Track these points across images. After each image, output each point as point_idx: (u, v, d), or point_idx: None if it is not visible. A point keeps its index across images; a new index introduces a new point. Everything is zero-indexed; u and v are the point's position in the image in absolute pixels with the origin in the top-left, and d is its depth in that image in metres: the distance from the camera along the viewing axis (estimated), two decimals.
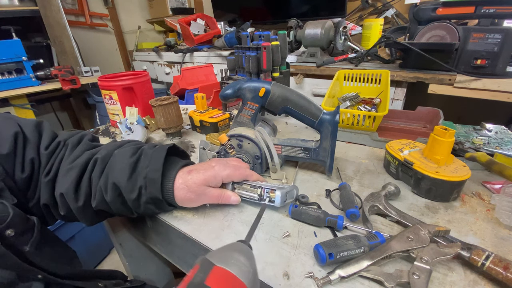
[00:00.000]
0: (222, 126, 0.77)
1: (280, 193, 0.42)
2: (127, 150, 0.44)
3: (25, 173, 0.40)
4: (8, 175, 0.39)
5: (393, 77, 1.11)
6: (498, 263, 0.31)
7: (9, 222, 0.34)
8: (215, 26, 2.07)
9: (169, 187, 0.42)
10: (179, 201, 0.42)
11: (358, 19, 1.76)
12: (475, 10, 0.97)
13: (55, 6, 1.71)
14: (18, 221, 0.36)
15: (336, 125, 0.49)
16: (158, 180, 0.40)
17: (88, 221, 0.45)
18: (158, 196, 0.41)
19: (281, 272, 0.35)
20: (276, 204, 0.43)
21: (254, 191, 0.44)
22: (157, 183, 0.40)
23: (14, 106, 1.55)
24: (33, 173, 0.41)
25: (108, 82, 0.83)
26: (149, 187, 0.40)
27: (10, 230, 0.34)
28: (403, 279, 0.31)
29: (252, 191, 0.44)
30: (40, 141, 0.44)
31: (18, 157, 0.40)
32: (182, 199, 0.42)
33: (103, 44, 2.54)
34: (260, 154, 0.52)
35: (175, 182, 0.42)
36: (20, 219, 0.37)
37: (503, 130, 0.73)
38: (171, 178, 0.42)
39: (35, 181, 0.42)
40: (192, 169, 0.43)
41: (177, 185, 0.42)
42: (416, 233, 0.35)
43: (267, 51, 0.74)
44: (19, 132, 0.41)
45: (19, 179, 0.40)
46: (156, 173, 0.40)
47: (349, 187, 0.47)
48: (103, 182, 0.41)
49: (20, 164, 0.40)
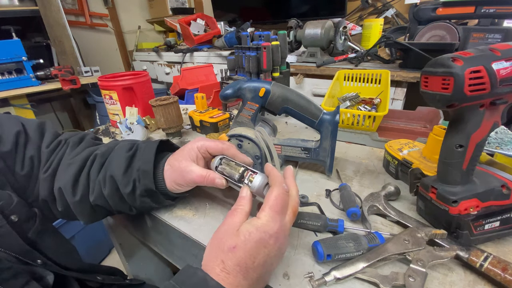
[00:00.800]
0: (222, 126, 0.77)
1: (260, 177, 0.37)
2: (125, 145, 0.45)
3: (24, 170, 0.41)
4: (10, 171, 0.41)
5: (393, 77, 1.11)
6: (497, 264, 0.31)
7: (13, 209, 0.37)
8: (215, 26, 2.07)
9: (160, 176, 0.42)
10: (169, 187, 0.42)
11: (358, 19, 1.76)
12: (475, 10, 0.97)
13: (55, 6, 1.71)
14: (21, 208, 0.38)
15: (336, 125, 0.49)
16: (150, 171, 0.41)
17: (85, 217, 0.45)
18: (151, 187, 0.41)
19: (281, 272, 0.35)
20: (252, 188, 0.37)
21: (237, 169, 0.39)
22: (149, 174, 0.41)
23: (14, 106, 1.56)
24: (33, 170, 0.43)
25: (108, 82, 0.83)
26: (142, 179, 0.41)
27: (14, 216, 0.37)
28: (399, 282, 0.31)
29: (234, 169, 0.40)
30: (42, 139, 0.45)
31: (19, 154, 0.41)
32: (171, 182, 0.41)
33: (103, 44, 2.54)
34: (260, 154, 0.52)
35: (164, 168, 0.42)
36: (23, 207, 0.39)
37: (503, 130, 0.73)
38: (161, 167, 0.43)
39: (34, 179, 0.43)
40: (176, 152, 0.44)
41: (165, 169, 0.42)
42: (413, 236, 0.35)
43: (267, 51, 0.74)
44: (21, 131, 0.42)
45: (18, 176, 0.41)
46: (148, 165, 0.41)
47: (349, 188, 0.47)
48: (102, 176, 0.42)
49: (20, 162, 0.41)
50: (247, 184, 0.37)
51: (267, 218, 0.30)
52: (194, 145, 0.42)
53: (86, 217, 0.45)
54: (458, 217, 0.35)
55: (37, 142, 0.44)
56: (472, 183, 0.36)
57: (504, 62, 0.30)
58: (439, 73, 0.31)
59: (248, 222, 0.30)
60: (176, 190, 0.43)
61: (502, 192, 0.35)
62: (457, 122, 0.34)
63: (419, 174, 0.43)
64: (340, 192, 0.48)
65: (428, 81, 0.33)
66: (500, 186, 0.36)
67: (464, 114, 0.33)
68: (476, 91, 0.30)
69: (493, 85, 0.30)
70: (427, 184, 0.39)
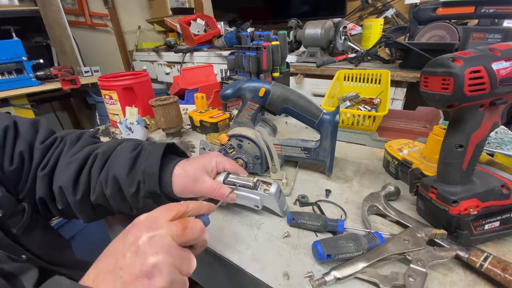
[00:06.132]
0: (222, 126, 0.77)
1: (276, 186, 0.42)
2: (128, 145, 0.45)
3: (13, 166, 0.41)
4: None
5: (393, 77, 1.11)
6: (497, 264, 0.31)
7: None
8: (215, 26, 2.07)
9: (167, 179, 0.42)
10: (177, 191, 0.42)
11: (358, 19, 1.76)
12: (475, 10, 0.97)
13: (55, 6, 1.71)
14: (7, 202, 0.37)
15: (336, 125, 0.49)
16: (156, 173, 0.41)
17: (85, 216, 0.45)
18: (156, 190, 0.41)
19: (281, 272, 0.35)
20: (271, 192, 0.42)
21: (249, 180, 0.43)
22: (155, 177, 0.41)
23: (14, 106, 1.56)
24: (23, 166, 0.42)
25: (108, 82, 0.83)
26: (147, 181, 0.41)
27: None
28: (399, 282, 0.31)
29: (247, 180, 0.43)
30: (36, 136, 0.44)
31: (7, 149, 0.41)
32: (180, 187, 0.42)
33: (103, 44, 2.54)
34: (260, 154, 0.52)
35: (174, 172, 0.42)
36: (9, 202, 0.38)
37: (503, 130, 0.73)
38: (169, 170, 0.43)
39: (25, 174, 0.42)
40: (190, 159, 0.46)
41: (175, 173, 0.42)
42: (413, 236, 0.35)
43: (267, 51, 0.74)
44: (9, 126, 0.42)
45: (7, 171, 0.41)
46: (154, 167, 0.41)
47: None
48: (104, 176, 0.42)
49: (9, 157, 0.41)
50: (265, 194, 0.42)
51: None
52: (213, 159, 0.45)
53: (86, 216, 0.45)
54: (458, 217, 0.35)
55: (29, 138, 0.43)
56: (472, 183, 0.36)
57: (504, 62, 0.30)
58: (439, 73, 0.31)
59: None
60: (182, 195, 0.43)
61: (502, 192, 0.35)
62: (457, 122, 0.34)
63: (419, 174, 0.43)
64: None
65: (428, 81, 0.33)
66: (500, 186, 0.36)
67: (464, 114, 0.33)
68: (476, 91, 0.30)
69: (493, 85, 0.30)
70: (427, 184, 0.39)
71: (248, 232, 0.42)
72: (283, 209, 0.44)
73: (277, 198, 0.42)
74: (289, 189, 0.51)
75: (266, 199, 0.43)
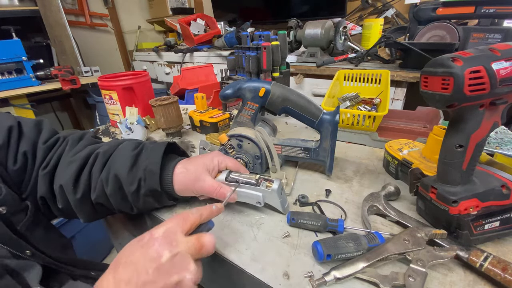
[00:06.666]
0: (222, 126, 0.77)
1: (278, 182, 0.43)
2: (130, 144, 0.45)
3: (17, 165, 0.41)
4: (1, 164, 0.40)
5: (393, 77, 1.11)
6: (497, 264, 0.31)
7: (1, 200, 0.37)
8: (215, 26, 2.07)
9: (168, 177, 0.43)
10: (178, 189, 0.43)
11: (358, 19, 1.76)
12: (475, 10, 0.97)
13: (55, 6, 1.71)
14: (10, 200, 0.38)
15: (336, 125, 0.49)
16: (157, 171, 0.41)
17: (86, 216, 0.45)
18: (156, 188, 0.41)
19: (281, 272, 0.35)
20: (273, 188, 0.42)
21: (252, 177, 0.44)
22: (156, 175, 0.41)
23: (14, 106, 1.56)
24: (26, 165, 0.43)
25: (108, 82, 0.83)
26: (148, 179, 0.41)
27: (2, 207, 0.36)
28: (399, 282, 0.31)
29: (249, 177, 0.44)
30: (39, 136, 0.45)
31: (11, 149, 0.41)
32: (181, 185, 0.42)
33: (103, 44, 2.53)
34: (260, 154, 0.52)
35: (175, 170, 0.43)
36: (13, 199, 0.38)
37: (503, 130, 0.73)
38: (170, 168, 0.43)
39: (28, 174, 0.43)
40: (191, 158, 0.46)
41: (176, 171, 0.43)
42: (413, 236, 0.35)
43: (267, 51, 0.74)
44: (14, 126, 0.42)
45: (11, 171, 0.41)
46: (155, 165, 0.41)
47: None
48: (105, 174, 0.42)
49: (13, 156, 0.41)
50: (267, 190, 0.42)
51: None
52: (215, 158, 0.45)
53: (86, 215, 0.45)
54: (458, 217, 0.35)
55: (32, 138, 0.44)
56: (472, 183, 0.36)
57: (504, 62, 0.30)
58: (439, 73, 0.31)
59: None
60: (183, 193, 0.44)
61: (502, 192, 0.35)
62: (457, 122, 0.34)
63: (419, 174, 0.43)
64: None
65: (428, 81, 0.33)
66: (500, 186, 0.36)
67: (464, 114, 0.33)
68: (476, 91, 0.30)
69: (493, 85, 0.30)
70: (427, 184, 0.39)
71: (248, 232, 0.42)
72: (285, 206, 0.45)
73: (279, 194, 0.43)
74: (289, 189, 0.51)
75: (268, 196, 0.43)
